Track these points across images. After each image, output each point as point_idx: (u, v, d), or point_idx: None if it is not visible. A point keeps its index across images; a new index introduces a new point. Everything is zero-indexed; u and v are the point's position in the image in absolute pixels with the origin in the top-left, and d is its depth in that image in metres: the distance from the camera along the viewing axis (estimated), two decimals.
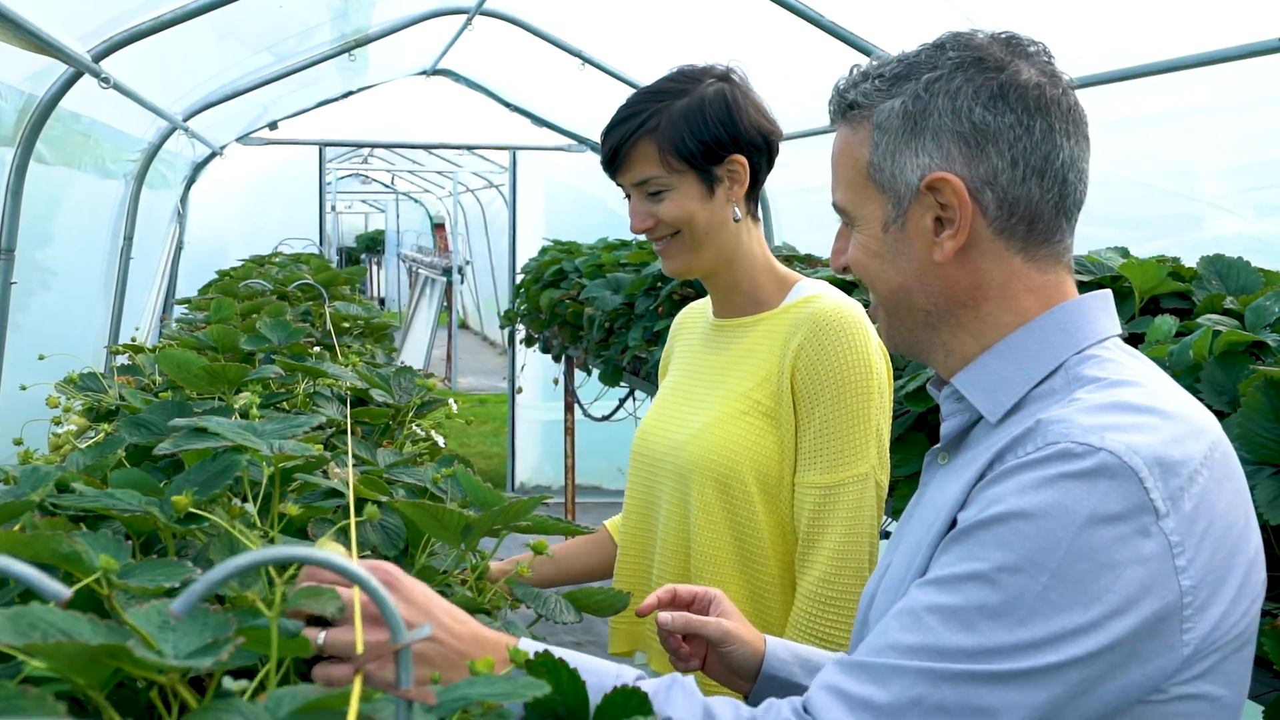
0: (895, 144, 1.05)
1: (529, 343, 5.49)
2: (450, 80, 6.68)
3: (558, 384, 6.02)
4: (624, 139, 1.65)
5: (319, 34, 4.93)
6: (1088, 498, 0.89)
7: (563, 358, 5.38)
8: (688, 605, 1.28)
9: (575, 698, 0.78)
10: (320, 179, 7.70)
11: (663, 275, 3.67)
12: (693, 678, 1.02)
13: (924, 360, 1.13)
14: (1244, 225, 3.15)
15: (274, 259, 4.46)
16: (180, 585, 0.75)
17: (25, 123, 2.95)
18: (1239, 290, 1.90)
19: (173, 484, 1.04)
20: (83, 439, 1.61)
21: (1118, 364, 1.00)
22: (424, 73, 6.57)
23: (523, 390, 7.52)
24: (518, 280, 5.99)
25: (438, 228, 20.13)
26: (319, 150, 7.53)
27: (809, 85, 4.29)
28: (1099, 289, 1.09)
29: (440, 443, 1.81)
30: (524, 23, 5.46)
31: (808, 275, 1.77)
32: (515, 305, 5.59)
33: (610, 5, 5.01)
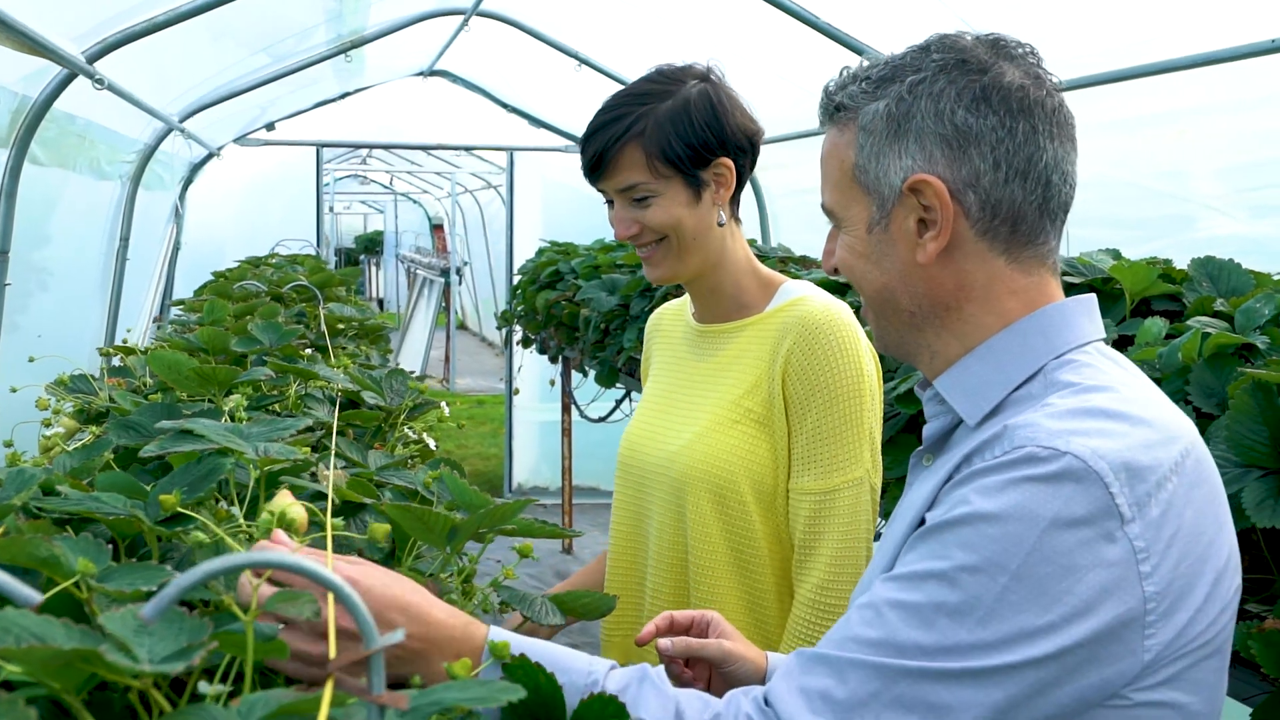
0: (879, 146, 1.05)
1: (526, 344, 5.48)
2: (447, 81, 6.69)
3: (554, 385, 6.02)
4: (608, 144, 1.59)
5: (315, 35, 4.94)
6: (1052, 501, 0.89)
7: (559, 359, 5.38)
8: (686, 630, 1.27)
9: (553, 701, 0.78)
10: (318, 180, 7.69)
11: None
12: (663, 668, 1.02)
13: (911, 362, 1.13)
14: (1238, 226, 3.15)
15: (270, 260, 4.45)
16: (159, 589, 0.75)
17: (19, 124, 2.95)
18: (1230, 292, 1.90)
19: (157, 486, 1.04)
20: (72, 441, 1.61)
21: (1095, 369, 1.00)
22: (421, 74, 6.59)
23: (520, 391, 7.51)
24: (514, 281, 5.99)
25: (436, 229, 20.11)
26: (316, 151, 7.53)
27: (806, 86, 4.30)
28: (1090, 291, 1.09)
29: (432, 445, 1.80)
30: (520, 24, 5.47)
31: (803, 277, 1.75)
32: (512, 306, 5.59)
33: (606, 6, 5.01)
